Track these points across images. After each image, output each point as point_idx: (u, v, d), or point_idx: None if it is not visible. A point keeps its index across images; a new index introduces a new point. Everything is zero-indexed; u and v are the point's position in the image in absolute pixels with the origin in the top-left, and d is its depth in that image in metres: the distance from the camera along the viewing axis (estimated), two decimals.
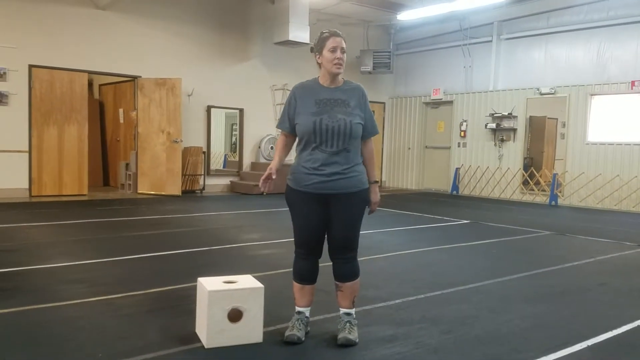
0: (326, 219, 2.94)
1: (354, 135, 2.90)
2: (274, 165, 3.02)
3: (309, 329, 3.08)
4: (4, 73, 8.91)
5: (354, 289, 3.02)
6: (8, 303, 3.48)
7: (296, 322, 3.00)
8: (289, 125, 3.01)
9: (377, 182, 3.10)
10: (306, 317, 3.06)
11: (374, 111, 15.13)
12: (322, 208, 2.93)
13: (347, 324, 2.97)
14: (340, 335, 2.92)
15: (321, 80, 3.01)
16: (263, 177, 3.02)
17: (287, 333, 2.95)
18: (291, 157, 3.21)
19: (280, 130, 3.12)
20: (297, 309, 3.06)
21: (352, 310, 3.03)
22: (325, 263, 3.07)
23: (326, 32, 2.97)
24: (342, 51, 2.92)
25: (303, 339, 2.95)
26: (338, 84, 2.99)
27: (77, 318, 3.26)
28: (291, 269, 3.11)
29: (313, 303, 3.12)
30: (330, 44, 2.91)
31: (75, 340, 2.91)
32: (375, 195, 3.05)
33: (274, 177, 2.98)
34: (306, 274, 3.04)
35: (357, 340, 2.92)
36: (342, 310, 3.04)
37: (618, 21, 10.10)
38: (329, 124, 2.85)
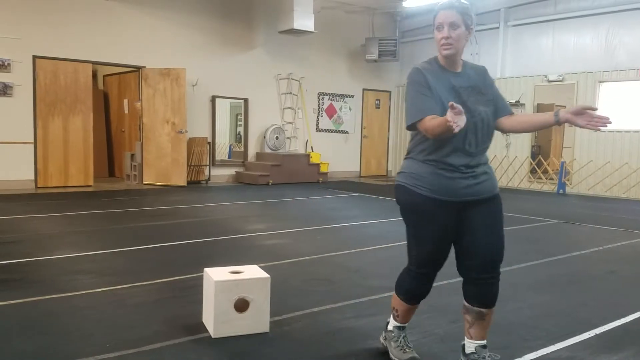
0: (460, 230, 2.39)
1: (489, 131, 2.38)
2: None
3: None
4: (8, 64, 8.91)
5: (491, 318, 2.44)
6: (16, 294, 3.49)
7: (403, 340, 2.58)
8: (435, 107, 2.26)
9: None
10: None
11: (379, 100, 14.90)
12: (453, 218, 2.36)
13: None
14: None
15: (442, 62, 2.37)
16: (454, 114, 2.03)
17: (407, 357, 2.54)
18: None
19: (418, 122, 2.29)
20: (399, 324, 2.60)
21: (485, 342, 2.43)
22: (330, 253, 3.04)
23: (439, 4, 2.38)
24: (453, 27, 2.28)
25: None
26: (460, 67, 2.39)
27: (85, 308, 3.26)
28: (297, 259, 3.08)
29: (322, 294, 3.09)
30: (437, 20, 2.33)
31: (83, 330, 2.91)
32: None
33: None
34: (423, 295, 2.51)
35: None
36: (477, 343, 2.40)
37: (626, 7, 9.95)
38: (470, 118, 2.25)
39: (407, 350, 2.55)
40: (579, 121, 2.14)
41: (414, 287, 2.48)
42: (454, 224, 2.35)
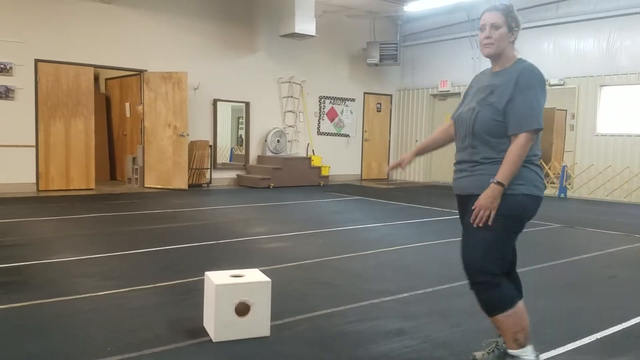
0: None
1: (477, 129, 2.35)
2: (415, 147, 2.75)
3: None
4: (10, 68, 8.93)
5: (505, 324, 2.36)
6: (18, 297, 3.50)
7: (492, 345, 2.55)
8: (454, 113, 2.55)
9: (500, 183, 2.25)
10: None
11: (379, 104, 14.80)
12: (463, 212, 2.48)
13: (492, 344, 2.50)
14: None
15: (492, 64, 2.49)
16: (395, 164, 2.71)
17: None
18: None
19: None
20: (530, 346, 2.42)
21: (516, 352, 2.37)
22: (331, 257, 3.05)
23: (484, 8, 2.44)
24: (495, 27, 2.35)
25: None
26: (505, 65, 2.41)
27: (87, 311, 3.27)
28: (298, 263, 3.09)
29: (323, 298, 3.10)
30: (481, 22, 2.41)
31: (85, 333, 2.92)
32: (487, 198, 2.26)
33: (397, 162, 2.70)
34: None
35: None
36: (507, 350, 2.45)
37: (628, 11, 9.95)
38: (463, 115, 2.43)
39: None
40: None
41: (508, 292, 2.43)
42: (462, 216, 2.50)
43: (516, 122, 2.27)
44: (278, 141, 11.94)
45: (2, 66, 8.85)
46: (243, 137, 12.33)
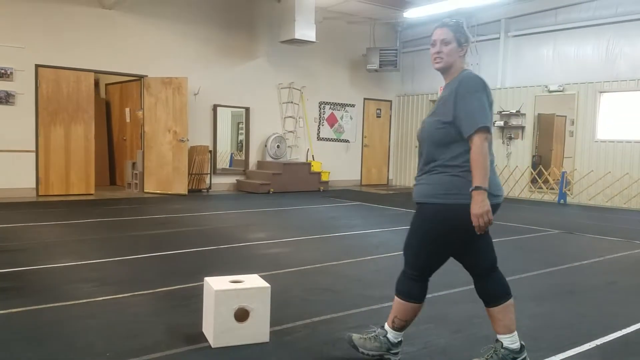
0: None
1: (426, 139, 2.50)
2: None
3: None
4: (11, 73, 8.95)
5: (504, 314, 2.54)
6: (17, 302, 3.49)
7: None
8: None
9: (479, 188, 2.30)
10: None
11: (379, 109, 14.80)
12: None
13: (491, 350, 2.58)
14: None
15: (444, 77, 2.65)
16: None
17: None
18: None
19: None
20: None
21: (502, 337, 2.53)
22: (331, 263, 3.05)
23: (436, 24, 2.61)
24: (445, 43, 2.50)
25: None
26: (451, 78, 2.55)
27: (86, 317, 3.26)
28: (297, 268, 3.09)
29: (323, 304, 3.10)
30: (432, 37, 2.57)
31: (84, 339, 2.91)
32: (476, 206, 2.29)
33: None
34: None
35: (366, 352, 2.67)
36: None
37: (627, 17, 10.00)
38: (421, 128, 2.61)
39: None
40: None
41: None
42: None
43: (466, 124, 2.37)
44: (278, 146, 11.95)
45: (2, 71, 8.88)
46: (243, 142, 12.35)
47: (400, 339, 2.71)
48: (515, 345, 2.53)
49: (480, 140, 2.33)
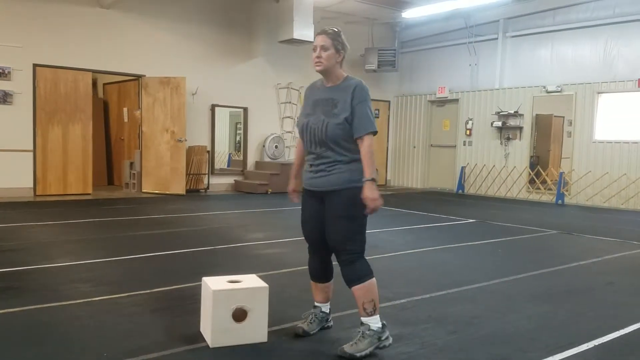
0: (322, 217, 2.90)
1: (329, 137, 2.78)
2: (291, 174, 3.24)
3: (330, 324, 3.12)
4: (9, 72, 8.93)
5: (360, 294, 2.84)
6: (14, 302, 3.48)
7: (310, 315, 3.05)
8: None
9: (371, 179, 2.74)
10: (322, 312, 3.08)
11: (377, 110, 14.78)
12: (318, 205, 2.91)
13: (358, 334, 2.80)
14: (342, 346, 2.78)
15: (324, 80, 2.97)
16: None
17: (297, 325, 3.02)
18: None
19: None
20: (314, 303, 3.11)
21: (366, 319, 2.82)
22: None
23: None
24: (323, 49, 2.85)
25: (311, 332, 3.00)
26: (336, 82, 2.90)
27: (82, 317, 3.25)
28: (295, 269, 3.10)
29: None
30: (313, 43, 2.91)
31: (81, 339, 2.90)
32: (369, 192, 2.71)
33: (291, 191, 3.23)
34: (313, 271, 3.07)
35: (357, 354, 2.70)
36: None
37: (625, 18, 10.02)
38: (312, 125, 2.84)
39: (304, 323, 3.05)
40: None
41: (308, 263, 3.11)
42: (311, 209, 2.94)
43: (360, 127, 2.77)
44: (276, 147, 11.95)
45: (0, 71, 8.85)
46: (241, 142, 12.34)
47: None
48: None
49: (370, 140, 2.78)
